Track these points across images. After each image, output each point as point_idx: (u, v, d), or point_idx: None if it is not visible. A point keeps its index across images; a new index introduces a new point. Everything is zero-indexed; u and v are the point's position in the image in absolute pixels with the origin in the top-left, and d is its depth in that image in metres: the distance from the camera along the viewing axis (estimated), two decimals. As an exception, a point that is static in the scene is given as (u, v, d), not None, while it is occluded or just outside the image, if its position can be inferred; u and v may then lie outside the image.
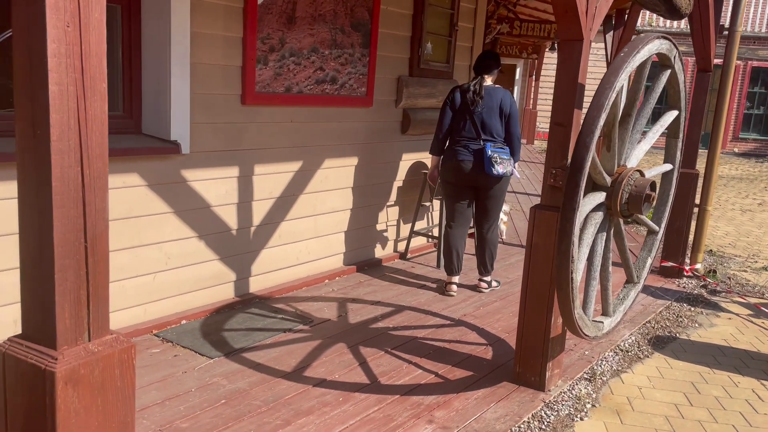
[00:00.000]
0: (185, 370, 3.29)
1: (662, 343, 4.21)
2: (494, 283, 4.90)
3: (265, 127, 4.16)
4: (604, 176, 2.94)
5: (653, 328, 4.43)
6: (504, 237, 6.37)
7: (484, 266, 4.77)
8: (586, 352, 3.89)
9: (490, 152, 4.34)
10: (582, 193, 2.58)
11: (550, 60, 16.44)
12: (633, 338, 4.19)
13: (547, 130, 14.61)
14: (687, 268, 5.60)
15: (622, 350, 4.01)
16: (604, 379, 3.62)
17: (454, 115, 4.53)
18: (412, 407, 3.10)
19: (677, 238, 5.53)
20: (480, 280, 4.82)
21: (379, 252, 5.35)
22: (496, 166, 4.33)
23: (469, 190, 4.59)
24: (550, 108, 7.88)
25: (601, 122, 2.56)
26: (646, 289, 5.20)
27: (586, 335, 3.03)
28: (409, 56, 5.22)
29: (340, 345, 3.71)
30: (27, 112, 1.21)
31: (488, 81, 4.53)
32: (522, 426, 3.03)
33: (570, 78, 3.11)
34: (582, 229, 2.97)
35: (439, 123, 4.58)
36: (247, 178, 4.11)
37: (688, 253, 5.69)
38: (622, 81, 2.64)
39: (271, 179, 4.27)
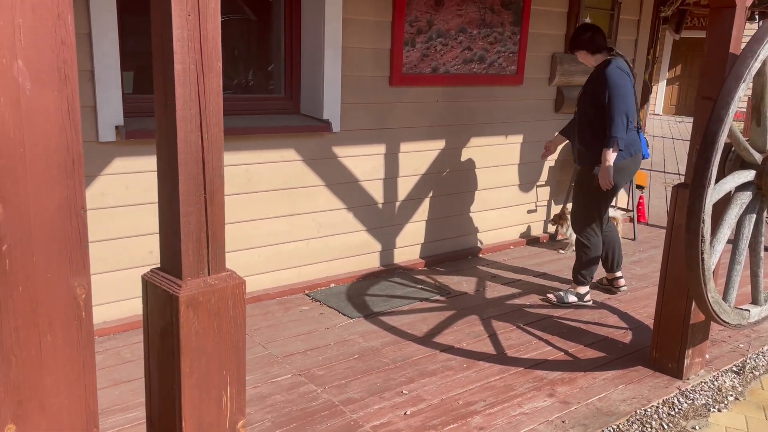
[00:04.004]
0: (328, 326, 3.63)
1: (838, 343, 3.76)
2: (571, 297, 4.00)
3: (411, 107, 4.36)
4: (751, 153, 2.74)
5: (830, 326, 3.97)
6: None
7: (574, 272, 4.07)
8: (740, 345, 3.61)
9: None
10: (714, 169, 2.44)
11: (749, 31, 14.77)
12: (802, 335, 3.81)
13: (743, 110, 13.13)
14: None
15: (785, 346, 3.67)
16: (757, 373, 3.35)
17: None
18: (535, 380, 3.15)
19: None
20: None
21: (527, 232, 5.34)
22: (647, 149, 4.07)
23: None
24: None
25: (740, 93, 2.39)
26: (832, 285, 4.63)
27: (724, 322, 2.85)
28: (565, 32, 5.09)
29: (473, 317, 3.83)
30: (160, 87, 1.51)
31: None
32: (649, 410, 2.95)
33: (720, 49, 2.91)
34: (725, 210, 2.80)
35: (626, 104, 3.63)
36: (393, 155, 4.35)
37: None
38: (769, 48, 2.44)
39: (416, 156, 4.47)
